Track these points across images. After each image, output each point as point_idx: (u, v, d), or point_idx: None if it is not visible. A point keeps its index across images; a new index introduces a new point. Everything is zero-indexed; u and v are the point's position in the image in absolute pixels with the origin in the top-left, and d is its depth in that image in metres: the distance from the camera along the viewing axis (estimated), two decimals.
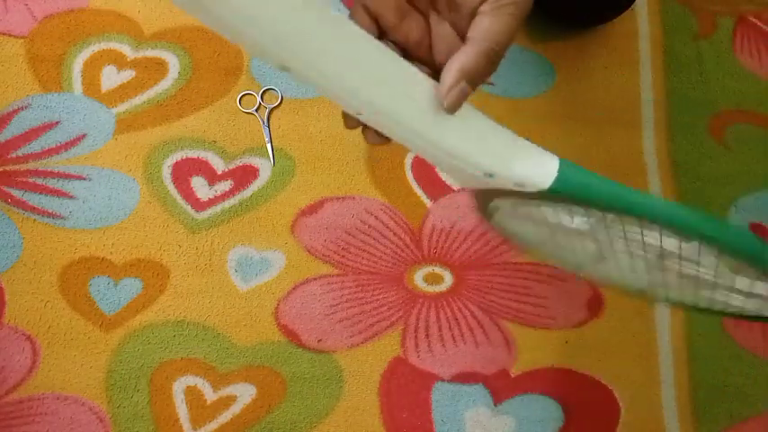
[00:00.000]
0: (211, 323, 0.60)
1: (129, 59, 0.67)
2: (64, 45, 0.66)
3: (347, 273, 0.62)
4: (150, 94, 0.66)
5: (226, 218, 0.63)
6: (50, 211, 0.61)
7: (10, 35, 0.66)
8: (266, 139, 0.66)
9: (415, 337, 0.61)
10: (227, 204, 0.63)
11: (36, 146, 0.63)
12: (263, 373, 0.59)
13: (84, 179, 0.63)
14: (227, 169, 0.64)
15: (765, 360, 0.64)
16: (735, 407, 0.62)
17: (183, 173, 0.64)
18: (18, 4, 0.67)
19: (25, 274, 0.60)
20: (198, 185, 0.64)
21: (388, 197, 0.65)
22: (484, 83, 0.32)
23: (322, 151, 0.66)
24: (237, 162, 0.65)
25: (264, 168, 0.65)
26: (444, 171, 0.65)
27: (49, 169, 0.62)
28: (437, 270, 0.63)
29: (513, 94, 0.70)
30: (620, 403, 0.61)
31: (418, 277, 0.63)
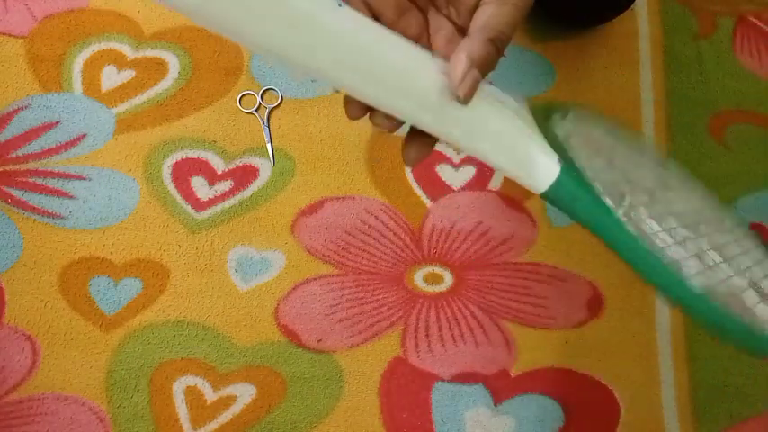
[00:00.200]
0: (211, 323, 0.60)
1: (129, 59, 0.67)
2: (64, 45, 0.66)
3: (347, 273, 0.62)
4: (150, 94, 0.66)
5: (226, 218, 0.63)
6: (50, 211, 0.61)
7: (10, 35, 0.66)
8: (266, 139, 0.66)
9: (415, 337, 0.61)
10: (227, 204, 0.63)
11: (36, 146, 0.63)
12: (263, 373, 0.59)
13: (84, 179, 0.63)
14: (227, 169, 0.64)
15: (765, 360, 0.64)
16: (735, 407, 0.62)
17: (183, 173, 0.64)
18: (18, 4, 0.67)
19: (25, 274, 0.60)
20: (198, 185, 0.64)
21: (388, 197, 0.65)
22: (490, 71, 0.32)
23: (322, 151, 0.66)
24: (237, 162, 0.65)
25: (264, 168, 0.65)
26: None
27: (49, 169, 0.62)
28: (437, 270, 0.63)
29: (513, 94, 0.70)
30: (620, 403, 0.61)
31: (418, 277, 0.63)
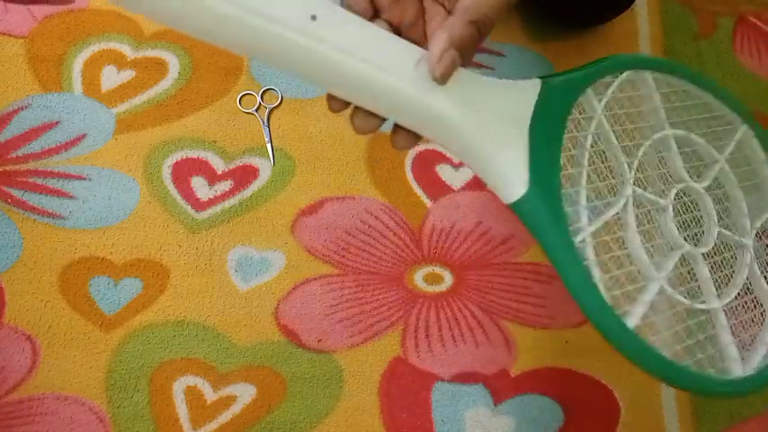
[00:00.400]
0: (211, 323, 0.60)
1: (129, 59, 0.67)
2: (64, 45, 0.66)
3: (347, 273, 0.62)
4: (150, 94, 0.66)
5: (226, 218, 0.63)
6: (50, 211, 0.61)
7: (10, 35, 0.66)
8: (266, 139, 0.66)
9: (415, 337, 0.61)
10: (227, 204, 0.63)
11: (36, 146, 0.63)
12: (263, 373, 0.59)
13: (84, 179, 0.63)
14: (227, 169, 0.64)
15: None
16: (735, 407, 0.62)
17: (183, 173, 0.64)
18: (18, 4, 0.67)
19: (25, 274, 0.60)
20: (198, 185, 0.64)
21: (388, 197, 0.65)
22: (474, 53, 0.32)
23: (322, 151, 0.66)
24: (237, 162, 0.65)
25: (264, 168, 0.65)
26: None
27: (49, 169, 0.62)
28: (437, 270, 0.63)
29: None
30: (620, 403, 0.61)
31: (418, 277, 0.63)
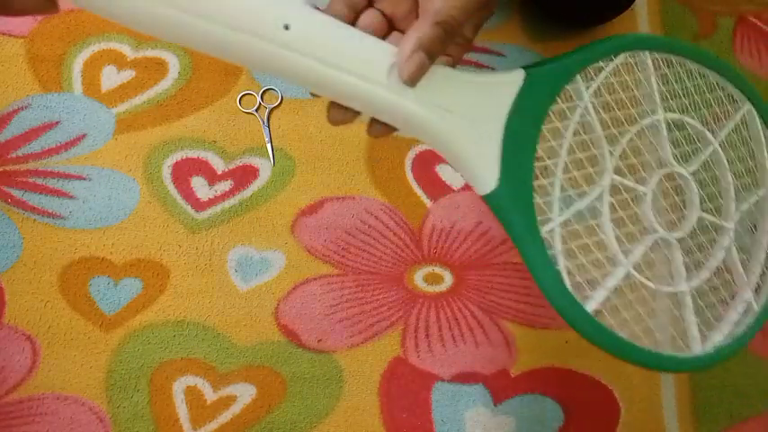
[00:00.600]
0: (211, 323, 0.60)
1: (129, 59, 0.67)
2: (64, 45, 0.66)
3: (347, 273, 0.62)
4: (150, 94, 0.66)
5: (226, 218, 0.63)
6: (50, 211, 0.61)
7: (10, 35, 0.66)
8: (266, 139, 0.66)
9: (415, 337, 0.61)
10: (227, 204, 0.63)
11: (36, 146, 0.63)
12: (263, 373, 0.59)
13: (84, 179, 0.63)
14: (227, 169, 0.64)
15: (765, 360, 0.64)
16: (735, 407, 0.62)
17: (183, 173, 0.64)
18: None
19: (25, 274, 0.60)
20: (198, 185, 0.64)
21: (388, 197, 0.65)
22: (444, 53, 0.33)
23: (322, 151, 0.66)
24: (237, 162, 0.65)
25: (264, 168, 0.65)
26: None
27: (49, 169, 0.62)
28: (437, 270, 0.63)
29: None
30: (620, 403, 0.61)
31: (418, 277, 0.63)
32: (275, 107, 0.67)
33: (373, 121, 0.34)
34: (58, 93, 0.65)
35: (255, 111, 0.66)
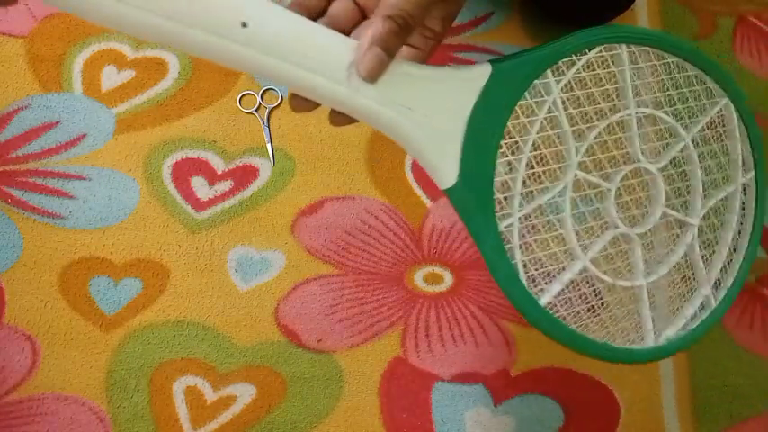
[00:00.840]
0: (211, 323, 0.60)
1: (129, 59, 0.67)
2: (64, 45, 0.66)
3: (347, 273, 0.62)
4: (150, 94, 0.66)
5: (226, 218, 0.63)
6: (50, 211, 0.61)
7: (10, 35, 0.66)
8: (266, 139, 0.66)
9: (415, 337, 0.61)
10: (227, 204, 0.63)
11: (36, 146, 0.63)
12: (263, 373, 0.59)
13: (84, 179, 0.63)
14: (227, 169, 0.64)
15: (765, 360, 0.64)
16: (735, 407, 0.62)
17: (183, 173, 0.64)
18: (18, 4, 0.67)
19: (25, 274, 0.60)
20: (198, 185, 0.64)
21: (388, 197, 0.65)
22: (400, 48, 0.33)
23: (322, 151, 0.66)
24: (237, 162, 0.65)
25: (264, 168, 0.65)
26: None
27: (49, 169, 0.62)
28: (437, 270, 0.63)
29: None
30: (620, 403, 0.61)
31: (418, 277, 0.63)
32: (275, 107, 0.67)
33: (334, 111, 0.34)
34: (57, 93, 0.65)
35: (255, 111, 0.66)
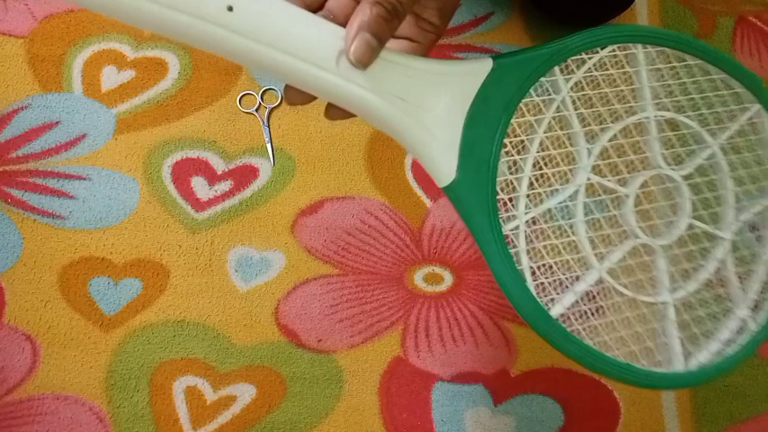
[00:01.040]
0: (211, 323, 0.60)
1: (129, 59, 0.67)
2: (64, 45, 0.66)
3: (347, 273, 0.62)
4: (150, 94, 0.66)
5: (226, 218, 0.63)
6: (50, 211, 0.61)
7: (10, 35, 0.66)
8: (266, 139, 0.66)
9: (415, 337, 0.61)
10: (227, 204, 0.63)
11: (36, 146, 0.63)
12: (263, 373, 0.59)
13: (84, 179, 0.63)
14: (227, 169, 0.64)
15: (765, 360, 0.64)
16: (735, 407, 0.62)
17: (183, 173, 0.64)
18: (18, 4, 0.67)
19: (25, 274, 0.60)
20: (198, 185, 0.64)
21: (388, 197, 0.65)
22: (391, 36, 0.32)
23: (322, 151, 0.66)
24: (237, 162, 0.65)
25: (264, 168, 0.65)
26: None
27: (49, 169, 0.62)
28: (437, 270, 0.63)
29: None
30: (620, 403, 0.61)
31: (418, 277, 0.63)
32: (275, 107, 0.67)
33: (330, 104, 0.33)
34: (58, 93, 0.65)
35: (255, 111, 0.66)
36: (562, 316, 0.32)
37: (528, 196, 0.33)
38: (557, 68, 0.34)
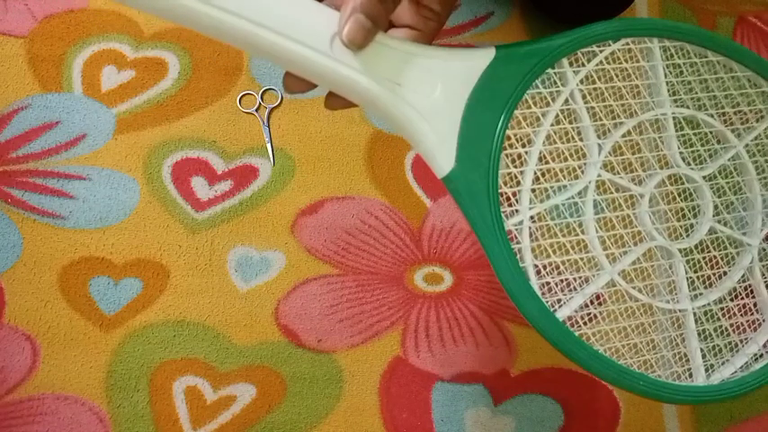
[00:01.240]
0: (211, 323, 0.60)
1: (129, 59, 0.67)
2: (64, 45, 0.66)
3: (347, 273, 0.62)
4: (150, 94, 0.66)
5: (226, 218, 0.63)
6: (50, 211, 0.61)
7: (10, 35, 0.66)
8: (266, 139, 0.66)
9: (415, 337, 0.61)
10: (227, 204, 0.63)
11: (36, 146, 0.63)
12: (263, 373, 0.59)
13: (84, 179, 0.63)
14: (227, 169, 0.64)
15: None
16: (735, 407, 0.62)
17: (183, 173, 0.64)
18: (18, 4, 0.67)
19: (25, 274, 0.60)
20: (198, 185, 0.64)
21: (388, 197, 0.65)
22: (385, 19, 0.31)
23: (322, 151, 0.66)
24: (237, 162, 0.65)
25: (264, 168, 0.65)
26: None
27: (49, 169, 0.62)
28: (437, 270, 0.63)
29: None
30: (620, 403, 0.61)
31: (418, 277, 0.63)
32: (275, 107, 0.67)
33: (330, 93, 0.33)
34: (58, 93, 0.65)
35: (255, 111, 0.66)
36: (570, 319, 0.31)
37: (533, 191, 0.32)
38: (565, 60, 0.33)
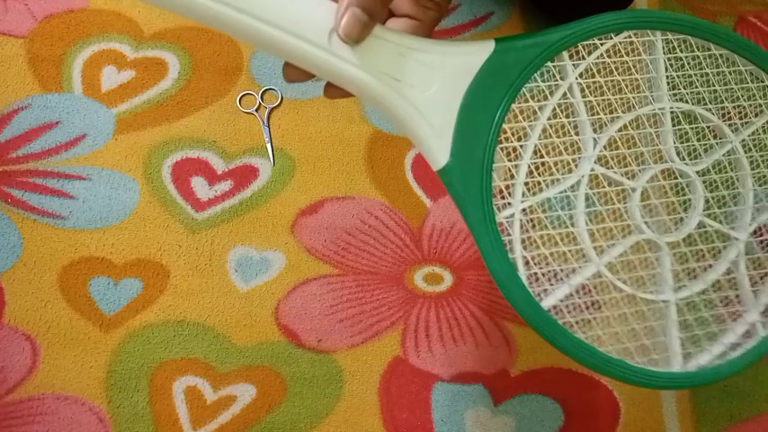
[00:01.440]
0: (211, 323, 0.60)
1: (129, 59, 0.67)
2: (64, 45, 0.66)
3: (347, 273, 0.62)
4: (150, 94, 0.66)
5: (226, 218, 0.63)
6: (50, 211, 0.61)
7: (10, 35, 0.66)
8: (266, 139, 0.66)
9: (415, 337, 0.61)
10: (227, 204, 0.63)
11: (36, 146, 0.63)
12: (263, 373, 0.59)
13: (85, 179, 0.63)
14: (227, 169, 0.64)
15: (766, 360, 0.64)
16: (735, 407, 0.62)
17: (183, 173, 0.64)
18: (18, 4, 0.67)
19: (25, 274, 0.60)
20: (198, 185, 0.64)
21: (388, 197, 0.65)
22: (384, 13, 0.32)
23: (322, 151, 0.66)
24: (237, 162, 0.65)
25: (264, 168, 0.65)
26: None
27: (49, 169, 0.62)
28: (437, 270, 0.63)
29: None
30: (620, 403, 0.61)
31: (418, 277, 0.63)
32: (275, 107, 0.67)
33: (329, 83, 0.33)
34: (58, 93, 0.65)
35: (255, 111, 0.66)
36: (554, 308, 0.32)
37: (526, 184, 0.33)
38: (565, 53, 0.33)
